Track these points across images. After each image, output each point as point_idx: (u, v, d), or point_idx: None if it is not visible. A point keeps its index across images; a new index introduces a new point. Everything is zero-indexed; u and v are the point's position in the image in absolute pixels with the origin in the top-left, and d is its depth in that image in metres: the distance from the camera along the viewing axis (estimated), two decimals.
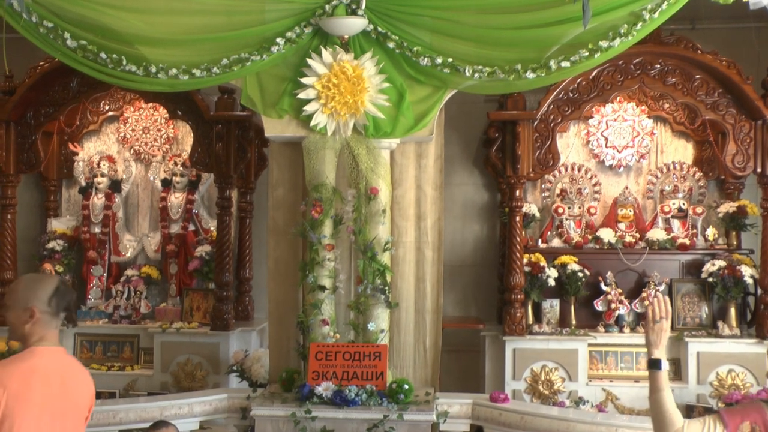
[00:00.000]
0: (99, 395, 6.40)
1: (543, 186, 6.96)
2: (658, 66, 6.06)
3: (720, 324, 6.28)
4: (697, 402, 6.08)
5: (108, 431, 5.05)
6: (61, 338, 6.65)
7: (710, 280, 6.37)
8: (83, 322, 6.98)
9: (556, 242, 6.76)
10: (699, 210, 6.69)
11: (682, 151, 6.97)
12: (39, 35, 4.86)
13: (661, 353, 2.89)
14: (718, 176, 6.83)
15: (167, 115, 7.18)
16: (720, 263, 6.34)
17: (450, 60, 4.77)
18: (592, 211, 6.80)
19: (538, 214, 6.79)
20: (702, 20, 6.82)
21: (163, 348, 6.67)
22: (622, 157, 6.89)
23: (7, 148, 6.70)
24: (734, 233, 6.62)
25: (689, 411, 6.05)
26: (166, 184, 7.29)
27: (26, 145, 6.78)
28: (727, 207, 6.56)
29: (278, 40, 4.82)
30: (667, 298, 2.88)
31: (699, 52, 5.98)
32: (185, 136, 7.35)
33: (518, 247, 6.13)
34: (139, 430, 5.24)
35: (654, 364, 2.88)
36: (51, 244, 7.19)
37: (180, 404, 5.18)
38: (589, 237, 6.69)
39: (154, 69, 4.86)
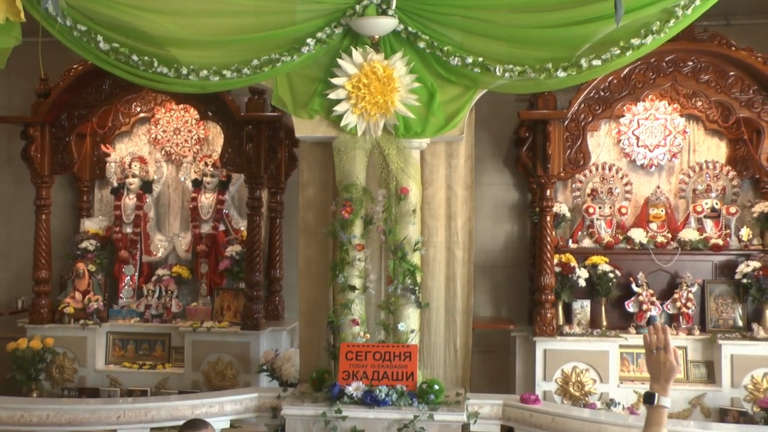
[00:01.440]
0: (131, 393, 6.55)
1: (574, 186, 6.91)
2: (691, 63, 5.99)
3: (755, 326, 6.18)
4: (731, 406, 5.99)
5: (140, 428, 5.09)
6: (94, 336, 6.85)
7: (744, 281, 6.28)
8: (115, 321, 7.08)
9: (586, 242, 6.70)
10: (732, 210, 6.58)
11: (715, 150, 6.87)
12: (73, 39, 4.92)
13: (661, 388, 2.45)
14: (753, 175, 6.71)
15: (198, 116, 7.25)
16: (755, 264, 6.25)
17: (480, 59, 4.74)
18: (623, 210, 6.73)
19: (568, 214, 6.74)
20: (737, 16, 6.72)
21: (194, 347, 6.74)
22: (653, 156, 6.81)
23: (42, 149, 6.84)
24: None
25: (723, 415, 5.97)
26: (197, 184, 7.35)
27: (60, 147, 6.92)
28: (762, 206, 6.45)
29: (309, 40, 4.83)
30: (667, 327, 2.50)
31: (733, 48, 5.90)
32: (216, 136, 7.41)
33: (549, 247, 6.10)
34: (170, 428, 5.30)
35: (647, 398, 2.48)
36: (84, 244, 7.29)
37: (211, 403, 5.21)
38: (620, 237, 6.63)
39: (185, 71, 4.89)
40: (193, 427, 3.92)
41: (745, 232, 6.54)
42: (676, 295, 6.39)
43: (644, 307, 6.37)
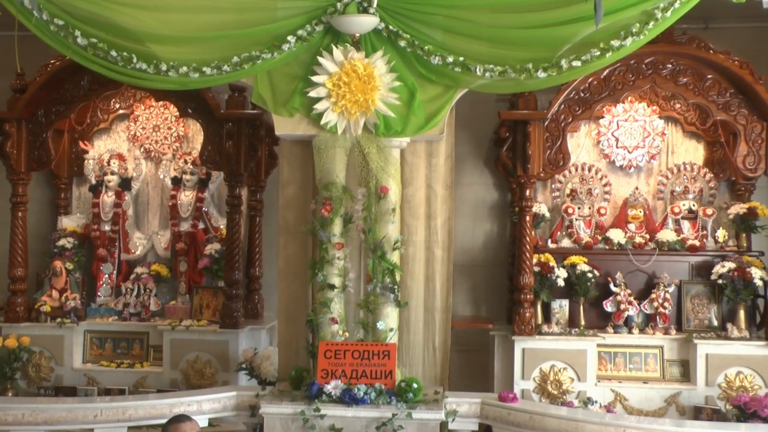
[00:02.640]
0: (108, 392, 6.49)
1: (553, 186, 6.95)
2: (670, 66, 6.05)
3: (729, 326, 6.26)
4: (706, 404, 6.06)
5: (117, 427, 5.05)
6: (71, 335, 6.77)
7: (720, 281, 6.35)
8: (93, 319, 7.02)
9: (565, 242, 6.74)
10: (709, 211, 6.66)
11: (693, 152, 6.94)
12: (50, 33, 4.87)
13: None
14: (729, 177, 6.80)
15: (177, 113, 7.20)
16: (730, 265, 6.31)
17: (461, 59, 4.76)
18: (602, 211, 6.79)
19: (548, 214, 6.77)
20: (715, 20, 6.80)
21: (172, 345, 6.69)
22: (632, 158, 6.87)
23: (18, 146, 6.75)
24: (744, 235, 6.58)
25: (697, 413, 6.04)
26: (176, 182, 7.31)
27: (37, 143, 6.83)
28: (738, 208, 6.52)
29: (289, 38, 4.82)
30: None
31: (711, 51, 5.97)
32: (195, 134, 7.37)
33: (528, 247, 6.13)
34: (148, 426, 5.26)
35: None
36: (61, 242, 7.22)
37: (189, 401, 5.18)
38: (599, 237, 6.67)
39: (164, 67, 4.87)
40: (178, 421, 3.92)
41: (721, 234, 6.61)
42: (653, 295, 6.44)
43: (622, 306, 6.42)
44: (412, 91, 4.93)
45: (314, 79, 4.89)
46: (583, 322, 6.46)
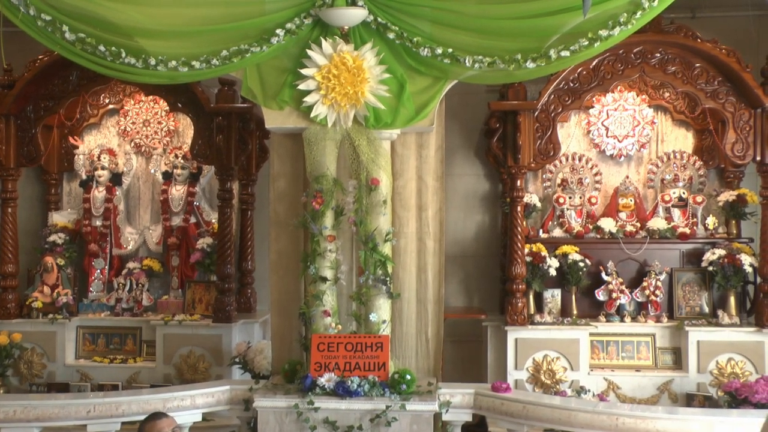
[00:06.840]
0: (102, 387, 6.48)
1: (544, 176, 6.96)
2: (659, 55, 6.06)
3: (720, 313, 6.30)
4: (698, 391, 6.10)
5: (111, 423, 5.05)
6: (63, 331, 6.76)
7: (710, 269, 6.38)
8: (85, 315, 7.00)
9: (557, 232, 6.77)
10: (699, 199, 6.70)
11: (683, 140, 6.97)
12: (37, 28, 4.85)
13: None
14: (718, 165, 6.83)
15: (167, 108, 7.17)
16: (720, 252, 6.35)
17: (450, 50, 4.77)
18: (593, 200, 6.81)
19: (539, 204, 6.79)
20: (702, 9, 6.84)
21: (165, 340, 6.68)
22: (622, 147, 6.89)
23: (7, 141, 6.72)
24: (734, 222, 6.62)
25: (689, 400, 6.08)
26: (167, 176, 7.28)
27: (26, 139, 6.80)
28: (727, 196, 6.56)
29: (278, 31, 4.82)
30: None
31: (699, 40, 5.99)
32: (186, 128, 7.34)
33: (519, 237, 6.15)
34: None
35: None
36: (52, 238, 7.19)
37: (183, 396, 5.18)
38: (590, 227, 6.70)
39: (153, 61, 4.86)
40: (155, 418, 3.90)
41: (711, 221, 6.65)
42: (644, 283, 6.47)
43: (614, 295, 6.44)
44: (401, 83, 4.94)
45: (304, 71, 4.89)
46: (575, 312, 6.49)
